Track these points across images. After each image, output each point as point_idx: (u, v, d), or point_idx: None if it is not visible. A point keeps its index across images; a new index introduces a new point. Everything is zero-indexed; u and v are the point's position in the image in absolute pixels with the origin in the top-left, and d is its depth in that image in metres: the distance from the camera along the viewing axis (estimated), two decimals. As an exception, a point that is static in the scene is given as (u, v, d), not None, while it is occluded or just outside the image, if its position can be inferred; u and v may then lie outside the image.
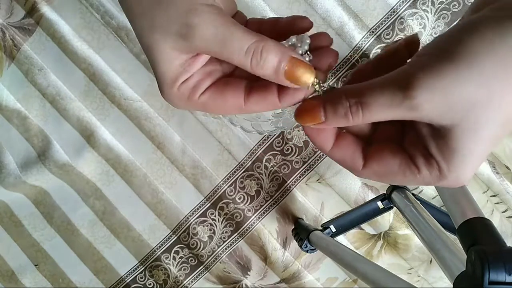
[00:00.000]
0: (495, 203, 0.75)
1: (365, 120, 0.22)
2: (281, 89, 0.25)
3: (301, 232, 0.73)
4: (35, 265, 0.87)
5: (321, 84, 0.24)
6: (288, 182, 0.78)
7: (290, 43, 0.26)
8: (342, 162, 0.25)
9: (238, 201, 0.80)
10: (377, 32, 0.73)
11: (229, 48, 0.23)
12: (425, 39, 0.72)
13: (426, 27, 0.72)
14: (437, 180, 0.22)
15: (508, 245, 0.32)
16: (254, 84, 0.25)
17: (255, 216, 0.80)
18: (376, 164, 0.24)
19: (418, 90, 0.20)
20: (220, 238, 0.81)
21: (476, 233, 0.34)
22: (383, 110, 0.21)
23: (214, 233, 0.81)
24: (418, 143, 0.23)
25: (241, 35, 0.23)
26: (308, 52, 0.26)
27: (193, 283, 0.83)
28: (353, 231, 0.78)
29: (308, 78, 0.23)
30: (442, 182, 0.22)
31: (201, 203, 0.81)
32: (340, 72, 0.74)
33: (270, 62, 0.23)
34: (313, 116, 0.23)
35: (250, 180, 0.79)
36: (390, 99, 0.21)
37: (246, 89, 0.25)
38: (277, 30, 0.27)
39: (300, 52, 0.25)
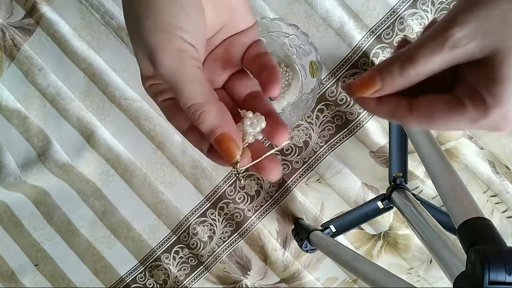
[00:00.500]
0: (495, 203, 0.75)
1: (419, 74, 0.24)
2: (211, 147, 0.27)
3: (301, 232, 0.73)
4: (35, 265, 0.87)
5: (239, 170, 0.26)
6: (288, 182, 0.78)
7: (247, 118, 0.27)
8: (389, 114, 0.26)
9: (238, 201, 0.80)
10: (377, 32, 0.73)
11: (178, 96, 0.25)
12: (425, 39, 0.72)
13: (426, 27, 0.72)
14: (482, 115, 0.23)
15: (508, 245, 0.32)
16: None
17: (255, 216, 0.80)
18: (423, 106, 0.25)
19: (456, 27, 0.22)
20: (220, 238, 0.81)
21: (476, 233, 0.34)
22: (431, 58, 0.23)
23: (214, 233, 0.81)
24: (463, 85, 0.24)
25: (192, 92, 0.25)
26: (255, 133, 0.27)
27: (193, 283, 0.83)
28: (353, 231, 0.78)
29: (232, 156, 0.26)
30: (489, 119, 0.23)
31: (201, 203, 0.81)
32: (340, 72, 0.74)
33: (205, 125, 0.25)
34: (370, 84, 0.25)
35: (250, 180, 0.79)
36: (435, 45, 0.23)
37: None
38: (260, 74, 0.29)
39: (249, 129, 0.27)
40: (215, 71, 0.30)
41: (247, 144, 0.27)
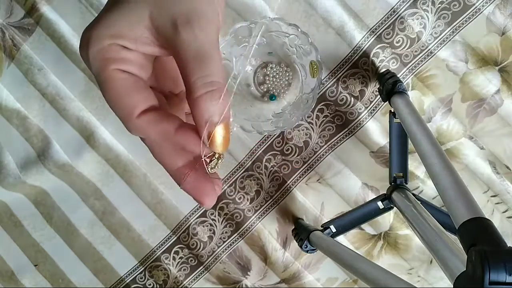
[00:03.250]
0: (496, 203, 0.75)
1: None
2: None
3: (301, 232, 0.73)
4: (35, 265, 0.86)
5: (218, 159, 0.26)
6: (288, 182, 0.78)
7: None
8: None
9: (238, 201, 0.80)
10: (378, 32, 0.72)
11: (201, 64, 0.23)
12: (426, 39, 0.72)
13: (427, 27, 0.72)
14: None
15: (508, 245, 0.31)
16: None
17: (255, 216, 0.80)
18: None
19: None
20: (220, 238, 0.81)
21: (477, 233, 0.34)
22: None
23: (214, 233, 0.81)
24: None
25: (218, 67, 0.24)
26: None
27: (193, 283, 0.83)
28: (353, 231, 0.78)
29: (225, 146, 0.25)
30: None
31: (201, 203, 0.80)
32: (340, 72, 0.74)
33: (215, 110, 0.23)
34: None
35: (250, 180, 0.79)
36: None
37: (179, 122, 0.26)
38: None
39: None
40: None
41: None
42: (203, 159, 0.25)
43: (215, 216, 0.81)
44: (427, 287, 0.78)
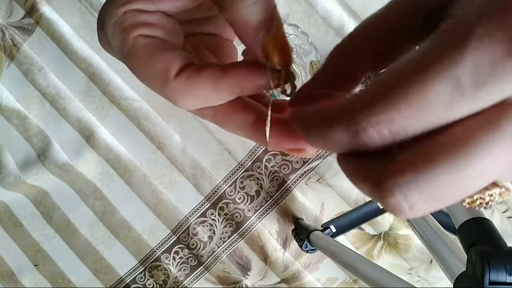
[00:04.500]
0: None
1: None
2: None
3: (301, 232, 0.73)
4: (35, 265, 0.86)
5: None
6: (288, 182, 0.78)
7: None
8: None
9: (238, 201, 0.80)
10: (377, 32, 0.72)
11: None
12: (426, 39, 0.72)
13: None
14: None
15: (508, 245, 0.31)
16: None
17: (255, 216, 0.80)
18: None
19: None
20: (220, 238, 0.81)
21: (477, 233, 0.34)
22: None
23: (214, 233, 0.81)
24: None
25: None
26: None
27: (193, 283, 0.83)
28: (353, 231, 0.78)
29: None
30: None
31: (201, 203, 0.81)
32: (340, 72, 0.74)
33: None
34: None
35: (250, 180, 0.79)
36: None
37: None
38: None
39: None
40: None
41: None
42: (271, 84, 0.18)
43: (215, 216, 0.81)
44: (427, 287, 0.78)
